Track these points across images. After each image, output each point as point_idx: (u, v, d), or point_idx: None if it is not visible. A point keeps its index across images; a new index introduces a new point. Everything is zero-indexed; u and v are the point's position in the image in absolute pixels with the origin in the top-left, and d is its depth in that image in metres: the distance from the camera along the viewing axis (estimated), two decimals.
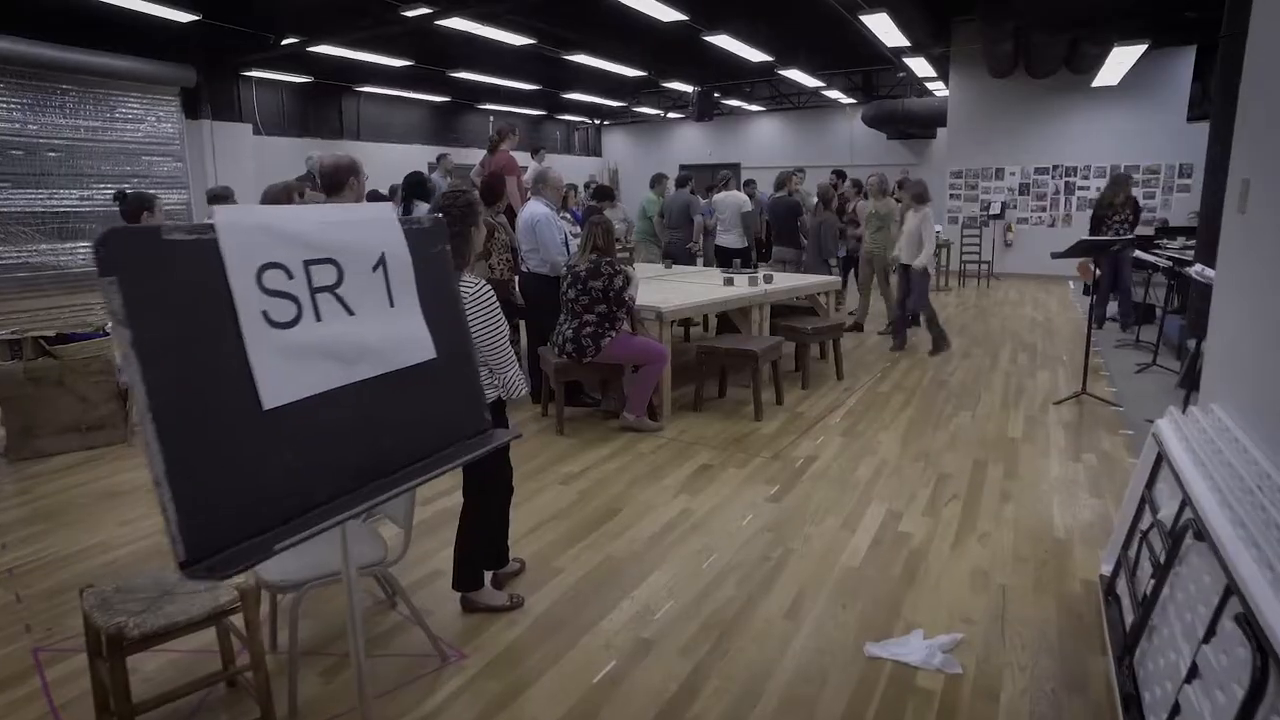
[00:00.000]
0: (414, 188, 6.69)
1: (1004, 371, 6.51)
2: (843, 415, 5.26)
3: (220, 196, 5.94)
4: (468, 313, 2.52)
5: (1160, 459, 2.52)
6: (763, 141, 20.24)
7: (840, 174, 8.83)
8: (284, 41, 10.20)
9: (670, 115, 20.63)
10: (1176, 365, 6.41)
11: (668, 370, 5.15)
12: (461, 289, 2.53)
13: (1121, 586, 2.61)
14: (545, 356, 5.08)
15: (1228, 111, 5.51)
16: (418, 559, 3.27)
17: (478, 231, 2.64)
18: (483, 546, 2.87)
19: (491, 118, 18.80)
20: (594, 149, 22.51)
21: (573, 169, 19.72)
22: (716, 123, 20.50)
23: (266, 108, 13.40)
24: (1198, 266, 4.46)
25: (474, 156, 18.45)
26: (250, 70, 12.03)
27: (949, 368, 6.66)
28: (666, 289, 5.97)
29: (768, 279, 6.14)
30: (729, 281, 6.03)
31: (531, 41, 11.16)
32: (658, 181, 8.61)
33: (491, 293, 2.55)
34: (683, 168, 20.32)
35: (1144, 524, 2.51)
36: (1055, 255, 5.35)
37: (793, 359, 6.41)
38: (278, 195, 4.07)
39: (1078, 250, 5.27)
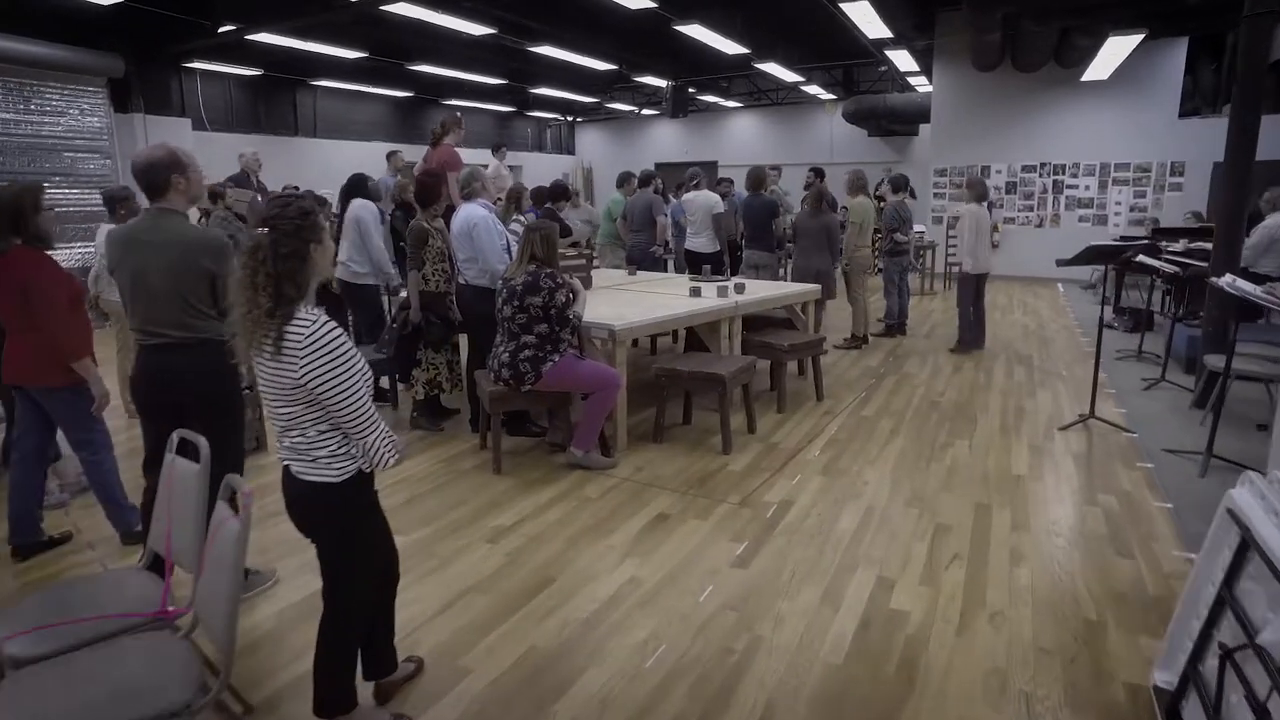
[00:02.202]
0: (354, 190, 5.77)
1: (1000, 390, 5.90)
2: (823, 446, 4.62)
3: (119, 198, 5.18)
4: (304, 361, 1.84)
5: (1246, 548, 1.89)
6: (740, 139, 19.63)
7: (818, 172, 8.21)
8: (221, 29, 9.42)
9: (645, 112, 19.97)
10: (1186, 380, 5.84)
11: (623, 394, 4.49)
12: (293, 330, 1.85)
13: (1191, 712, 1.98)
14: (480, 382, 4.41)
15: (1251, 99, 4.94)
16: (289, 658, 2.58)
17: (321, 250, 1.95)
18: (350, 658, 2.19)
19: (458, 114, 18.04)
20: (567, 147, 21.80)
21: (545, 167, 19.03)
22: (693, 120, 19.87)
23: (212, 102, 12.59)
24: (1227, 277, 3.86)
25: None
26: (191, 61, 11.23)
27: (939, 385, 6.04)
28: (624, 301, 5.31)
29: (739, 288, 5.49)
30: (696, 292, 5.38)
31: (492, 31, 10.45)
32: (625, 181, 7.93)
33: (338, 333, 1.87)
34: (659, 166, 19.69)
35: (1225, 635, 1.88)
36: (1061, 263, 4.75)
37: (767, 376, 5.79)
38: (5, 206, 3.02)
39: (1086, 257, 4.66)
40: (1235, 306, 4.36)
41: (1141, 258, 4.66)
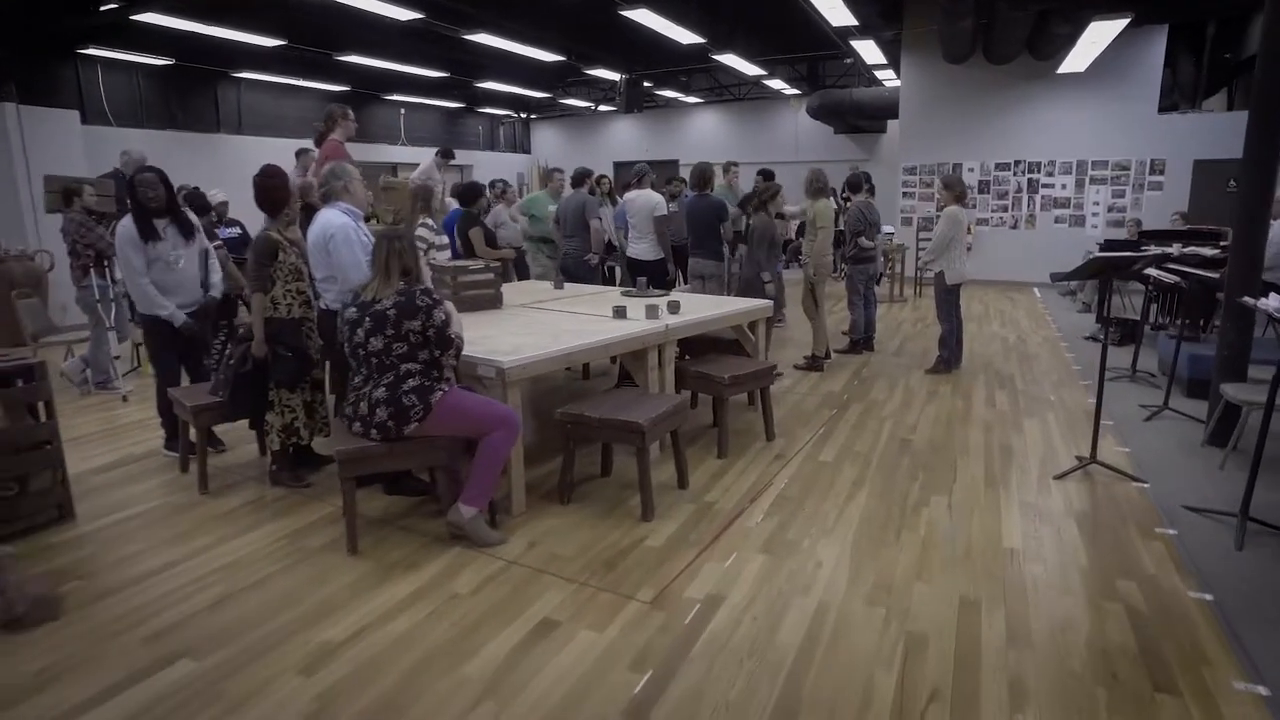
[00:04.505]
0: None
1: (981, 421, 5.07)
2: (769, 507, 3.73)
3: None
4: None
5: None
6: (702, 136, 18.76)
7: (768, 174, 7.35)
8: (104, 7, 8.34)
9: (602, 108, 19.06)
10: (1190, 407, 5.07)
11: (520, 444, 3.58)
12: None
13: None
14: (338, 432, 3.47)
15: (1274, 85, 4.14)
16: None
17: None
18: None
19: (402, 110, 17.04)
20: (522, 145, 20.82)
21: (498, 166, 18.05)
22: (652, 116, 19.04)
23: (117, 94, 11.45)
24: (1273, 299, 3.04)
25: (381, 153, 16.67)
26: (85, 46, 10.09)
27: (911, 417, 5.19)
28: (531, 325, 4.38)
29: (673, 307, 4.60)
30: (620, 312, 4.47)
31: (420, 16, 9.49)
32: (549, 177, 7.01)
33: None
34: (617, 164, 18.82)
35: None
36: (1058, 277, 3.93)
37: (709, 409, 4.91)
38: None
39: (1091, 269, 3.83)
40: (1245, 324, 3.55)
41: (1149, 269, 3.83)
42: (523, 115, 20.35)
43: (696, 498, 3.83)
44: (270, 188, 3.87)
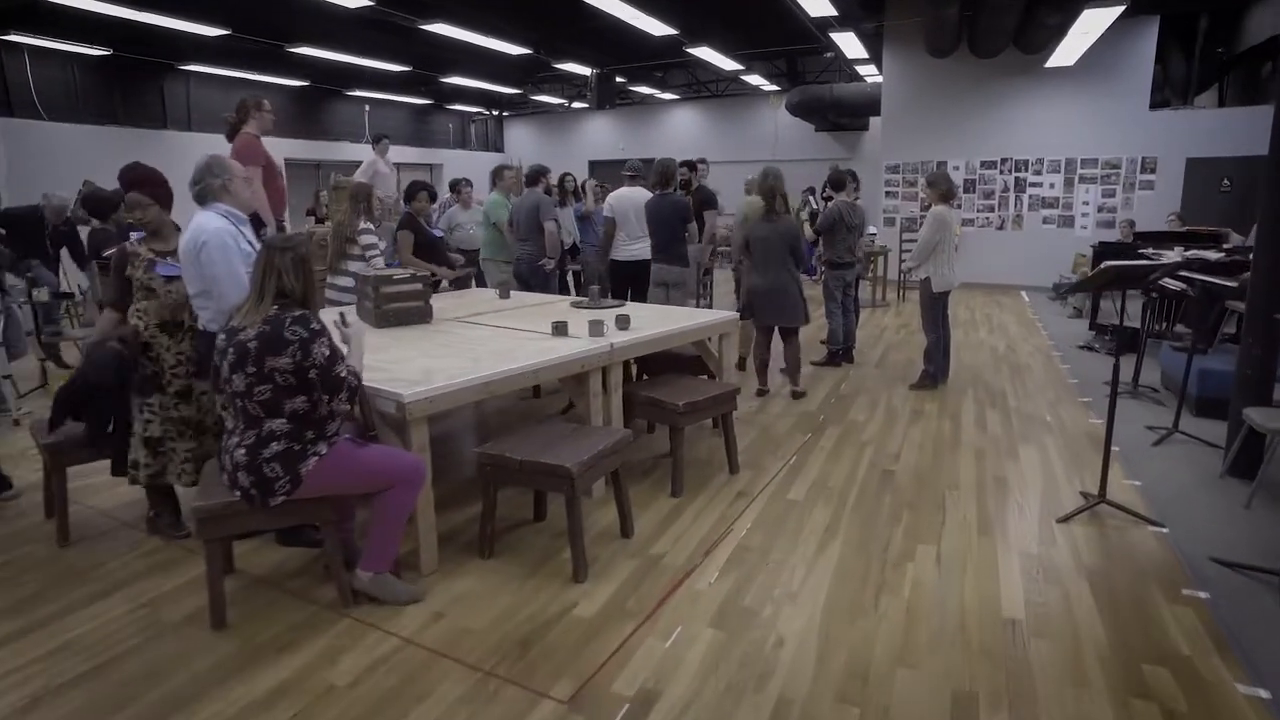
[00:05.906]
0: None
1: (971, 448, 4.53)
2: (725, 562, 3.16)
3: None
4: None
5: None
6: (679, 133, 18.21)
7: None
8: None
9: (575, 105, 18.47)
10: (1201, 428, 4.56)
11: (428, 494, 2.99)
12: None
13: None
14: (210, 479, 2.87)
15: None
16: None
17: None
18: None
19: (367, 106, 16.38)
20: (494, 143, 20.19)
21: (469, 166, 17.41)
22: (628, 113, 18.48)
23: (49, 86, 10.74)
24: None
25: (344, 151, 15.98)
26: (8, 33, 9.40)
27: (894, 442, 4.65)
28: (445, 345, 3.80)
29: (621, 321, 4.03)
30: (560, 329, 3.89)
31: (370, 4, 8.88)
32: (497, 176, 6.40)
33: None
34: (593, 164, 18.25)
35: None
36: (1063, 290, 3.37)
37: (665, 438, 4.34)
38: None
39: (1102, 280, 3.30)
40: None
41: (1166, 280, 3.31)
42: (494, 112, 19.73)
43: (641, 549, 3.26)
44: (142, 182, 3.26)
